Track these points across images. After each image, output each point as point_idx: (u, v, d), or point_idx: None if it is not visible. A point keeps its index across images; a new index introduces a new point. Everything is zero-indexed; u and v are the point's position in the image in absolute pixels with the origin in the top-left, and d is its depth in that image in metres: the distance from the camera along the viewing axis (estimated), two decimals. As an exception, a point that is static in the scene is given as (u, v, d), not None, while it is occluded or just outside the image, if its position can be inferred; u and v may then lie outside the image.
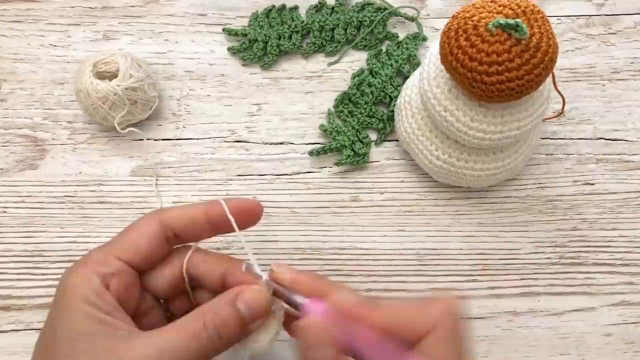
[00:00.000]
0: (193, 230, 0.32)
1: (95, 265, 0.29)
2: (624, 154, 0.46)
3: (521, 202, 0.45)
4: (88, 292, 0.28)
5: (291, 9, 0.50)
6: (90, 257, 0.30)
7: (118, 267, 0.30)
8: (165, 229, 0.31)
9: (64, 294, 0.29)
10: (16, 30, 0.49)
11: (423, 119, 0.42)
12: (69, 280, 0.29)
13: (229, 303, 0.29)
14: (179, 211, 0.32)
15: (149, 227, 0.31)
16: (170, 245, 0.32)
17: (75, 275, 0.29)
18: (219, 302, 0.29)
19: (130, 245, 0.31)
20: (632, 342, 0.41)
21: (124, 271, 0.30)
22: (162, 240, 0.31)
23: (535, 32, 0.34)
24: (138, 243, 0.31)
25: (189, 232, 0.32)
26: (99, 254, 0.30)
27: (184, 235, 0.32)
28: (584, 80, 0.48)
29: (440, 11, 0.51)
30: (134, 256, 0.30)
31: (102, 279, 0.29)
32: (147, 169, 0.45)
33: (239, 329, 0.29)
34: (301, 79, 0.49)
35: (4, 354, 0.41)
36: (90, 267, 0.29)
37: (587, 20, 0.50)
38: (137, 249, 0.31)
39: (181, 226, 0.31)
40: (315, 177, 0.45)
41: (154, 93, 0.45)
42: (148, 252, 0.31)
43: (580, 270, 0.43)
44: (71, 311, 0.28)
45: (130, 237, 0.31)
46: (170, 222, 0.31)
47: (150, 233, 0.31)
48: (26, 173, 0.45)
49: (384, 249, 0.43)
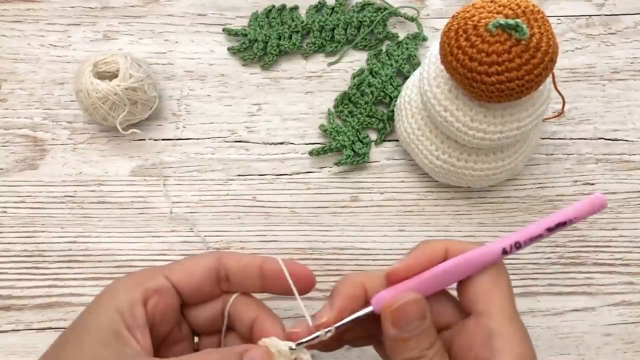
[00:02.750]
0: (245, 277, 0.31)
1: (142, 278, 0.30)
2: (624, 154, 0.46)
3: (521, 202, 0.45)
4: (122, 300, 0.28)
5: (291, 9, 0.50)
6: (142, 271, 0.31)
7: (163, 285, 0.30)
8: (220, 267, 0.31)
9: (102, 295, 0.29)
10: (16, 30, 0.49)
11: (423, 119, 0.42)
12: (113, 285, 0.30)
13: (236, 354, 0.28)
14: (237, 255, 0.32)
15: (206, 260, 0.31)
16: (221, 286, 0.32)
17: (120, 282, 0.30)
18: (227, 351, 0.29)
19: (183, 270, 0.31)
20: (632, 342, 0.41)
21: (167, 291, 0.30)
22: (214, 275, 0.31)
23: (535, 32, 0.34)
24: (192, 270, 0.31)
25: (240, 278, 0.31)
26: (152, 270, 0.31)
27: (235, 280, 0.32)
28: (584, 80, 0.48)
29: (440, 11, 0.51)
30: (183, 280, 0.31)
31: (143, 292, 0.29)
32: (147, 168, 0.45)
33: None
34: (301, 79, 0.49)
35: (4, 354, 0.41)
36: (139, 278, 0.30)
37: (587, 20, 0.50)
38: (189, 275, 0.31)
39: (235, 269, 0.31)
40: (315, 177, 0.45)
41: (154, 93, 0.45)
42: (198, 281, 0.31)
43: (580, 270, 0.43)
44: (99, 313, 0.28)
45: (185, 263, 0.31)
46: (227, 261, 0.31)
47: (205, 265, 0.31)
48: (26, 173, 0.45)
49: (384, 249, 0.43)
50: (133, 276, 0.30)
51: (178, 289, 0.31)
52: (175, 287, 0.30)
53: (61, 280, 0.42)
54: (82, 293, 0.42)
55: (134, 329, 0.28)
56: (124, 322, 0.28)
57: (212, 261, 0.31)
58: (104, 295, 0.29)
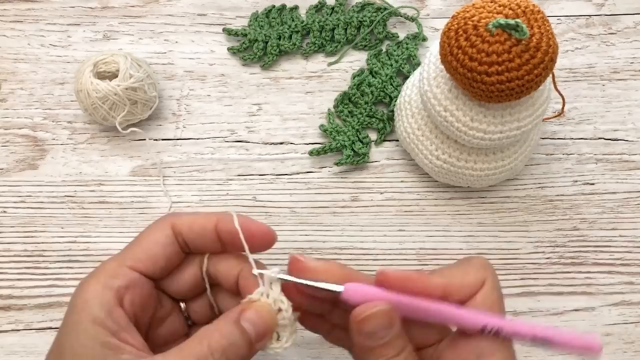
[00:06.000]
0: (203, 243, 0.30)
1: (108, 279, 0.28)
2: (624, 154, 0.46)
3: (521, 202, 0.45)
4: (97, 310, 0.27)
5: (291, 9, 0.50)
6: (104, 269, 0.29)
7: (132, 279, 0.29)
8: (177, 235, 0.30)
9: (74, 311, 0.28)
10: (16, 30, 0.49)
11: (423, 119, 0.42)
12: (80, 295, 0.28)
13: (234, 323, 0.28)
14: (190, 219, 0.30)
15: (162, 234, 0.30)
16: (184, 251, 0.31)
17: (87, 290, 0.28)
18: (223, 323, 0.28)
19: (144, 254, 0.29)
20: (632, 342, 0.41)
21: (138, 282, 0.29)
22: (176, 246, 0.30)
23: (535, 32, 0.34)
24: (153, 252, 0.29)
25: (198, 244, 0.30)
26: (112, 265, 0.29)
27: (194, 246, 0.31)
28: (584, 80, 0.48)
29: (440, 11, 0.51)
30: (149, 265, 0.29)
31: (115, 293, 0.28)
32: (147, 168, 0.45)
33: (246, 350, 0.28)
34: (301, 79, 0.49)
35: (4, 354, 0.41)
36: (103, 280, 0.28)
37: (587, 20, 0.50)
38: (152, 258, 0.29)
39: (191, 237, 0.30)
40: (315, 177, 0.45)
41: (154, 93, 0.45)
42: (163, 261, 0.30)
43: (580, 270, 0.43)
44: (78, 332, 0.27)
45: (144, 245, 0.30)
46: (180, 228, 0.30)
47: (164, 241, 0.30)
48: (26, 173, 0.45)
49: (384, 249, 0.43)
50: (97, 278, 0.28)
51: (146, 274, 0.29)
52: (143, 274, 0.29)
53: (61, 280, 0.42)
54: (82, 293, 0.42)
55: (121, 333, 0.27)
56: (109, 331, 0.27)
57: (168, 233, 0.30)
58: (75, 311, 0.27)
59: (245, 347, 0.27)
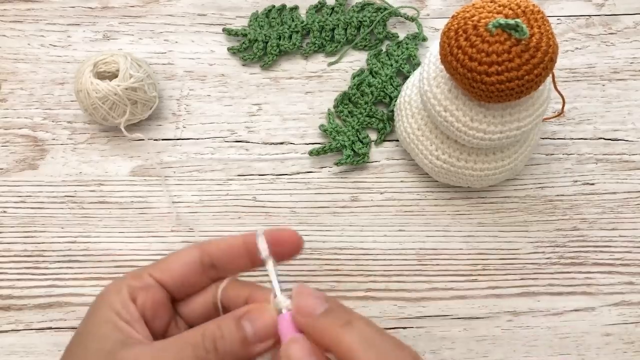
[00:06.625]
0: (230, 260, 0.31)
1: (129, 279, 0.31)
2: (624, 154, 0.46)
3: (521, 202, 0.45)
4: (114, 300, 0.30)
5: (291, 9, 0.50)
6: (129, 273, 0.32)
7: (147, 283, 0.31)
8: (203, 256, 0.31)
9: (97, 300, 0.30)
10: (16, 30, 0.49)
11: (423, 119, 0.42)
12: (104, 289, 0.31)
13: (234, 319, 0.28)
14: (217, 240, 0.32)
15: (187, 253, 0.32)
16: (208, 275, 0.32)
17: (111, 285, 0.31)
18: (224, 317, 0.29)
19: (165, 266, 0.32)
20: (632, 342, 0.41)
21: (152, 287, 0.31)
22: (198, 266, 0.31)
23: (535, 32, 0.34)
24: (172, 266, 0.31)
25: (226, 261, 0.31)
26: (137, 271, 0.32)
27: (222, 264, 0.31)
28: (584, 80, 0.48)
29: (440, 11, 0.51)
30: (165, 275, 0.31)
31: (131, 290, 0.30)
32: (147, 168, 0.45)
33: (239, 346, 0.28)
34: (301, 79, 0.49)
35: (4, 354, 0.41)
36: (125, 280, 0.31)
37: (587, 20, 0.50)
38: (170, 269, 0.31)
39: (219, 254, 0.31)
40: (315, 177, 0.45)
41: (154, 93, 0.45)
42: (180, 274, 0.31)
43: (580, 270, 0.43)
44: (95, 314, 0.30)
45: (167, 260, 0.32)
46: (209, 249, 0.31)
47: (185, 259, 0.31)
48: (26, 173, 0.45)
49: (383, 249, 0.43)
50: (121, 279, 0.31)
51: (163, 284, 0.31)
52: (160, 283, 0.31)
53: (61, 280, 0.42)
54: (82, 293, 0.42)
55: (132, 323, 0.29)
56: (121, 318, 0.29)
57: (194, 252, 0.31)
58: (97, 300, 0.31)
59: (238, 343, 0.28)
